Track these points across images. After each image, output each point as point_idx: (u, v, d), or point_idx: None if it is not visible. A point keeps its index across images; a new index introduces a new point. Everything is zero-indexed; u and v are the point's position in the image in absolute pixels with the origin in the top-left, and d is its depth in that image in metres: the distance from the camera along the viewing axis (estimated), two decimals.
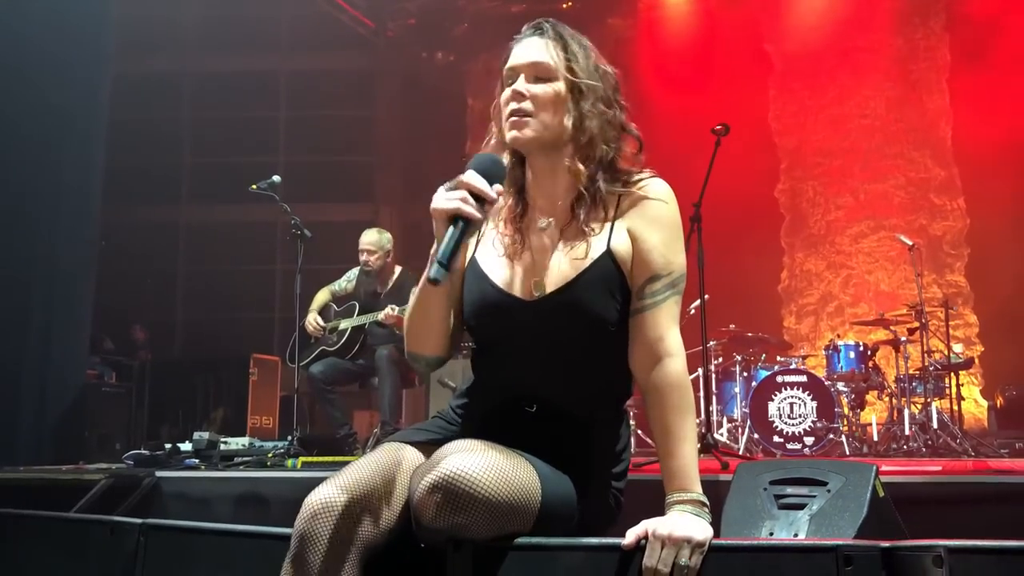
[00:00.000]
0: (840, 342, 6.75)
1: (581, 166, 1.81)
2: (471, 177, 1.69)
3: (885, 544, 1.45)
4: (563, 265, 1.79)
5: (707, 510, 1.64)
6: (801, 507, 2.22)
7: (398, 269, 5.95)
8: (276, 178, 5.55)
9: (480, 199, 1.67)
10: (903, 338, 6.62)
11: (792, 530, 2.17)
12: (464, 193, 1.67)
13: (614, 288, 1.77)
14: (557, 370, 1.79)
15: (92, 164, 6.52)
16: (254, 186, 5.55)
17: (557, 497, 1.69)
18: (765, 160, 9.25)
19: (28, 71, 5.99)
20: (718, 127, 4.72)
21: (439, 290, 1.78)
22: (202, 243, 11.14)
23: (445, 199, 1.68)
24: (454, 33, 10.41)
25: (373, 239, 5.83)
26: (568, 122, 1.80)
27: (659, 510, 1.64)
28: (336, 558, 1.56)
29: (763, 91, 9.50)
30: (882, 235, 8.87)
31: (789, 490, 2.27)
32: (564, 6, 10.02)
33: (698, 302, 4.85)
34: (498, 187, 1.71)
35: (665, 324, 1.76)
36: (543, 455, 1.72)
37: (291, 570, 1.58)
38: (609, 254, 1.78)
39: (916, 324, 6.52)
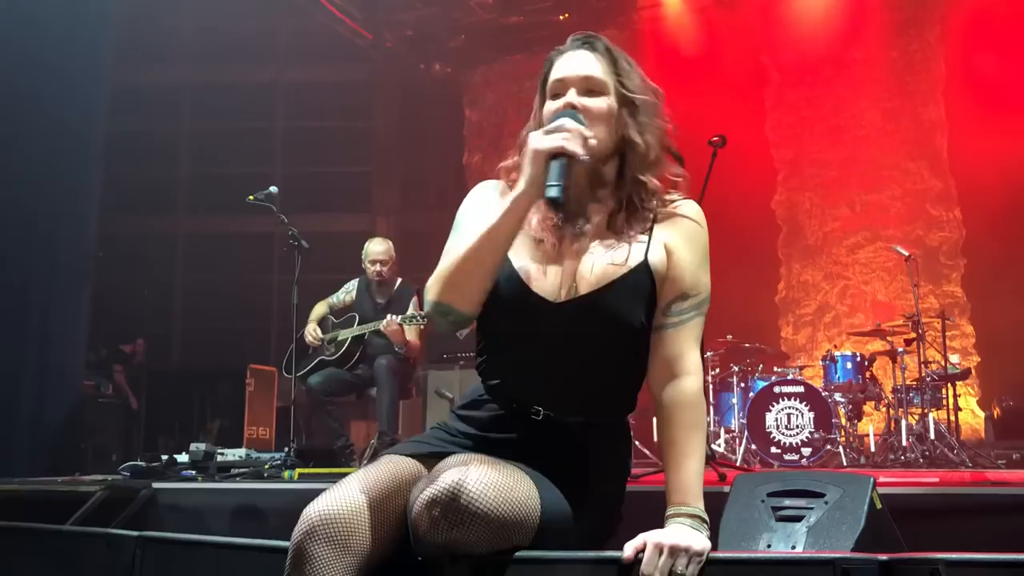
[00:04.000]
0: (837, 353, 6.75)
1: (630, 177, 1.83)
2: (570, 122, 1.72)
3: (883, 557, 1.45)
4: (600, 269, 1.79)
5: (707, 526, 1.65)
6: (799, 519, 2.21)
7: (398, 280, 5.96)
8: (273, 189, 5.56)
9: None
10: (900, 349, 6.63)
11: (790, 542, 2.17)
12: (566, 133, 1.69)
13: (645, 299, 1.79)
14: (570, 374, 1.79)
15: (90, 175, 6.52)
16: (251, 197, 5.55)
17: (556, 512, 1.69)
18: (762, 171, 9.27)
19: (27, 82, 5.99)
20: (715, 138, 4.73)
21: (503, 237, 1.75)
22: (199, 254, 11.14)
23: (546, 139, 1.70)
24: (451, 45, 10.43)
25: (382, 248, 5.84)
26: (631, 135, 1.83)
27: (658, 522, 1.64)
28: (334, 570, 1.56)
29: (759, 102, 9.53)
30: (879, 246, 8.88)
31: (787, 502, 2.26)
32: (561, 18, 10.04)
33: None
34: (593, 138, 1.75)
35: (686, 343, 1.78)
36: (544, 463, 1.72)
37: None
38: (646, 264, 1.79)
39: (913, 335, 6.52)
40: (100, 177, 6.61)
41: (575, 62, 1.85)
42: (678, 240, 1.82)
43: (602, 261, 1.79)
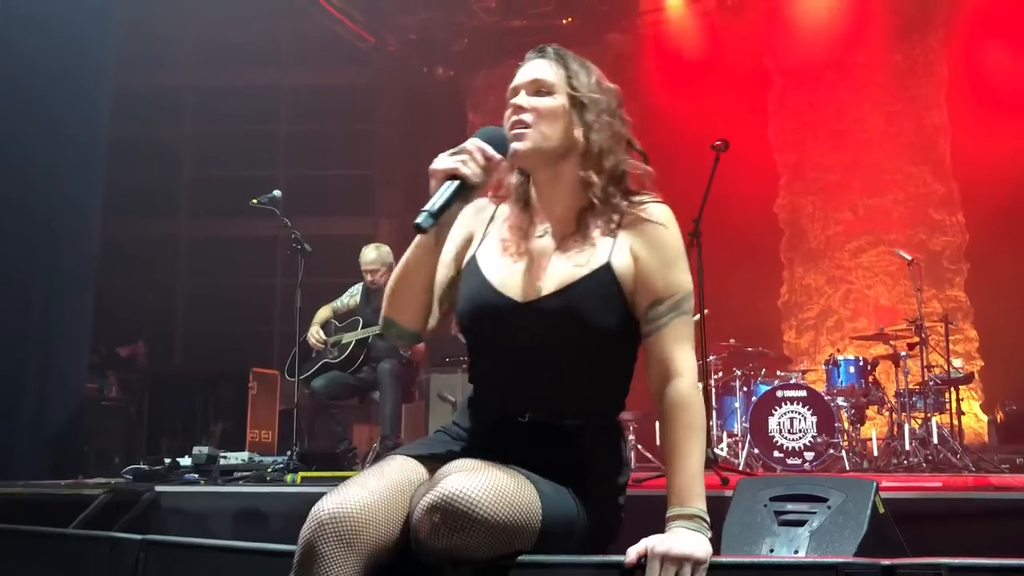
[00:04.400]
0: (840, 357, 6.75)
1: (594, 176, 1.84)
2: (473, 142, 1.76)
3: (886, 562, 1.45)
4: (562, 270, 1.81)
5: (707, 526, 1.65)
6: (801, 524, 2.21)
7: None
8: (277, 193, 5.57)
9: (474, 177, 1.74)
10: (903, 353, 6.62)
11: (792, 547, 2.17)
12: (464, 156, 1.73)
13: (611, 300, 1.79)
14: (547, 375, 1.80)
15: (93, 178, 6.53)
16: (255, 201, 5.56)
17: (558, 516, 1.68)
18: (764, 175, 9.28)
19: (28, 86, 6.00)
20: (718, 143, 4.74)
21: (423, 257, 1.82)
22: (202, 257, 11.15)
23: (445, 160, 1.75)
24: (454, 48, 10.45)
25: (373, 257, 5.83)
26: (577, 133, 1.84)
27: (660, 526, 1.64)
28: (341, 569, 1.56)
29: (762, 106, 9.54)
30: (881, 250, 8.88)
31: (789, 506, 2.26)
32: (564, 22, 10.05)
33: (697, 316, 4.84)
34: (499, 156, 1.78)
35: (671, 346, 1.77)
36: (538, 467, 1.72)
37: None
38: (609, 267, 1.79)
39: (916, 339, 6.52)
40: (103, 180, 6.61)
41: (526, 70, 1.89)
42: (643, 246, 1.81)
43: (565, 262, 1.82)
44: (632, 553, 1.57)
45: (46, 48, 6.10)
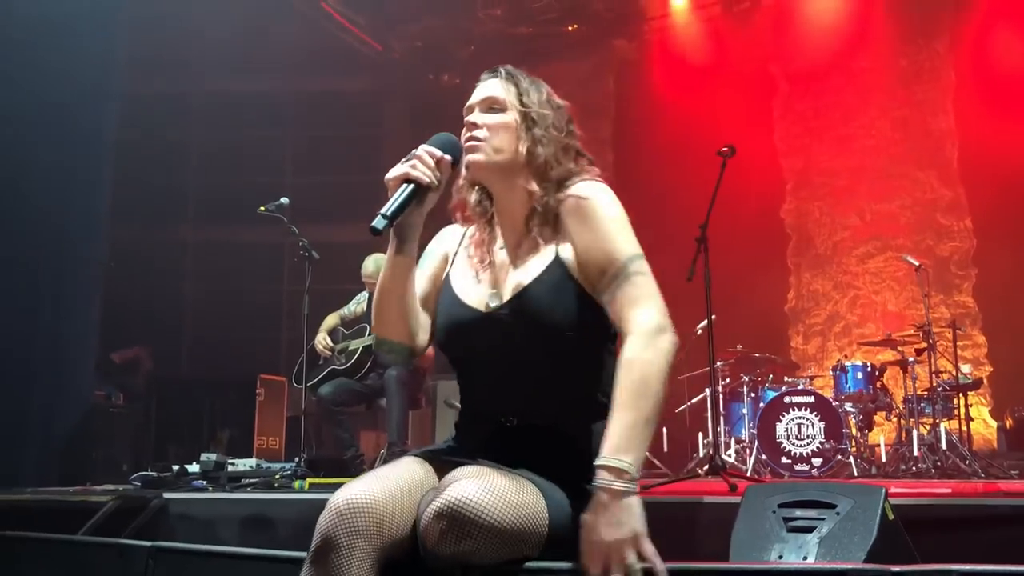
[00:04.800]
0: (847, 362, 6.73)
1: (535, 186, 1.90)
2: (422, 147, 1.84)
3: (895, 568, 1.44)
4: (517, 276, 1.87)
5: (628, 479, 1.61)
6: (810, 530, 2.21)
7: None
8: (284, 200, 5.59)
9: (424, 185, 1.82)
10: (911, 359, 6.60)
11: (801, 553, 2.16)
12: (414, 160, 1.81)
13: (566, 293, 1.81)
14: (524, 379, 1.83)
15: (100, 184, 6.56)
16: (263, 208, 5.58)
17: (565, 521, 1.68)
18: (771, 181, 9.28)
19: (37, 91, 6.03)
20: (724, 149, 4.73)
21: (396, 270, 1.89)
22: (209, 263, 11.17)
23: (397, 168, 1.82)
24: (460, 55, 10.47)
25: (372, 270, 5.85)
26: (523, 148, 1.90)
27: (669, 533, 1.64)
28: (357, 559, 1.57)
29: (768, 112, 9.54)
30: (889, 255, 8.86)
31: (798, 513, 2.26)
32: (570, 28, 10.08)
33: (705, 323, 4.84)
34: (448, 157, 1.86)
35: (623, 309, 1.76)
36: (540, 469, 1.73)
37: (312, 569, 1.60)
38: (558, 260, 1.84)
39: (924, 344, 6.50)
40: (111, 186, 6.64)
41: (480, 89, 1.99)
42: (574, 224, 1.85)
43: (520, 267, 1.88)
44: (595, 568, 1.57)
45: (55, 54, 6.13)
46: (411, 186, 1.79)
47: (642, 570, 1.55)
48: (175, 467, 5.13)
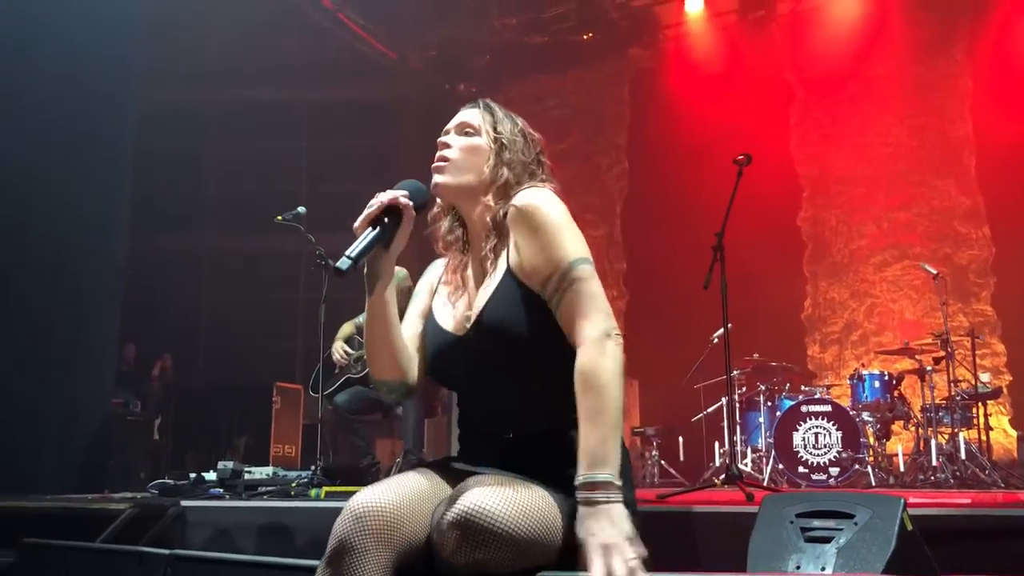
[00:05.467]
0: (865, 371, 6.70)
1: (492, 203, 1.92)
2: (384, 193, 1.87)
3: None
4: (480, 293, 1.90)
5: (617, 490, 1.63)
6: (828, 540, 2.19)
7: None
8: (301, 209, 5.61)
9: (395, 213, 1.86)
10: (929, 367, 6.56)
11: (819, 564, 2.15)
12: (373, 202, 1.85)
13: (521, 303, 1.82)
14: (507, 393, 1.85)
15: (120, 192, 6.61)
16: (280, 217, 5.61)
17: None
18: (787, 188, 9.25)
19: (55, 102, 6.09)
20: (740, 157, 4.71)
21: (376, 312, 1.91)
22: (226, 272, 11.24)
23: (360, 218, 1.85)
24: (475, 65, 10.51)
25: None
26: (489, 170, 1.93)
27: (685, 543, 1.64)
28: (371, 562, 1.59)
29: (784, 119, 9.52)
30: (906, 264, 8.82)
31: (816, 523, 2.25)
32: (585, 37, 10.10)
33: (721, 331, 4.83)
34: (411, 203, 1.88)
35: (571, 317, 1.77)
36: (541, 478, 1.74)
37: (327, 571, 1.61)
38: (508, 272, 1.85)
39: (942, 353, 6.46)
40: (129, 196, 6.70)
41: (456, 117, 2.04)
42: (518, 234, 1.85)
43: (482, 285, 1.91)
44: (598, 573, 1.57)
45: (73, 65, 6.19)
46: (375, 231, 1.83)
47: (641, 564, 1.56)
48: (192, 475, 5.15)
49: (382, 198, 1.86)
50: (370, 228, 1.83)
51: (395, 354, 1.95)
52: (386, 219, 1.85)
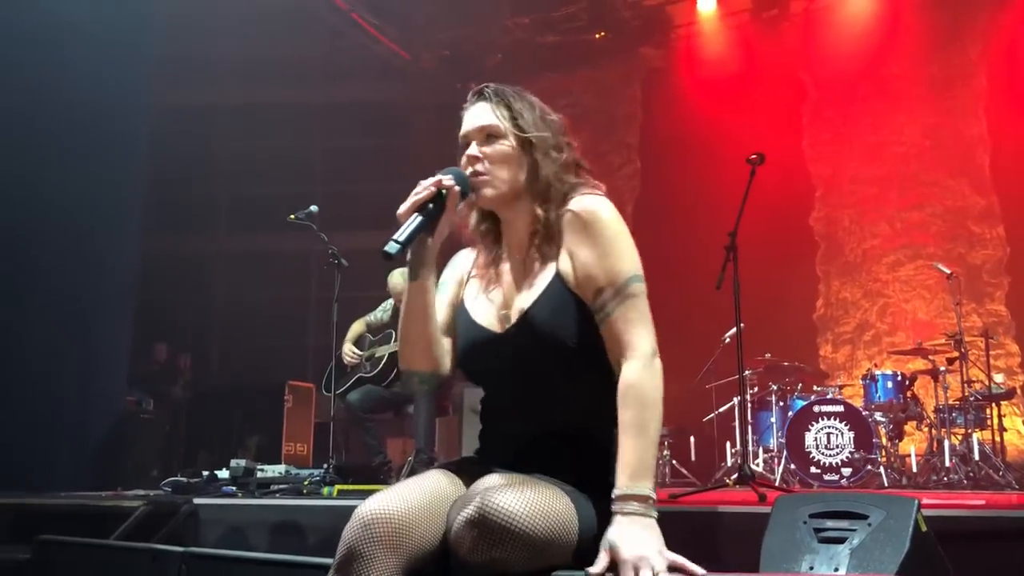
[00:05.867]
0: (877, 371, 6.67)
1: (539, 210, 1.91)
2: (428, 179, 1.86)
3: None
4: (524, 295, 1.89)
5: (651, 505, 1.67)
6: (841, 541, 2.19)
7: None
8: (314, 208, 5.63)
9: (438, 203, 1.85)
10: (942, 368, 6.53)
11: (832, 565, 2.14)
12: (419, 189, 1.84)
13: (568, 308, 1.83)
14: (540, 393, 1.85)
15: (131, 195, 6.65)
16: (293, 216, 5.63)
17: (595, 530, 1.69)
18: (800, 188, 9.22)
19: (70, 105, 6.13)
20: (753, 156, 4.70)
21: (416, 301, 1.92)
22: (238, 271, 11.28)
23: (406, 202, 1.84)
24: (487, 64, 10.50)
25: (402, 286, 5.86)
26: (523, 175, 1.92)
27: (697, 543, 1.64)
28: (380, 570, 1.59)
29: (797, 118, 9.48)
30: (919, 263, 8.77)
31: (829, 523, 2.24)
32: (597, 36, 10.09)
33: (733, 330, 4.82)
34: (458, 188, 1.87)
35: (622, 331, 1.79)
36: (561, 477, 1.75)
37: None
38: (558, 277, 1.85)
39: (955, 353, 6.42)
40: (143, 196, 6.73)
41: (472, 115, 1.98)
42: (574, 240, 1.86)
43: (525, 285, 1.90)
44: (599, 566, 1.61)
45: (87, 68, 6.23)
46: (421, 218, 1.82)
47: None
48: (205, 473, 5.17)
49: (429, 184, 1.86)
50: (416, 214, 1.83)
51: (430, 344, 1.96)
52: (431, 205, 1.85)
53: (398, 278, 5.90)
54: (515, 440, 1.87)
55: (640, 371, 1.76)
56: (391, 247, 1.77)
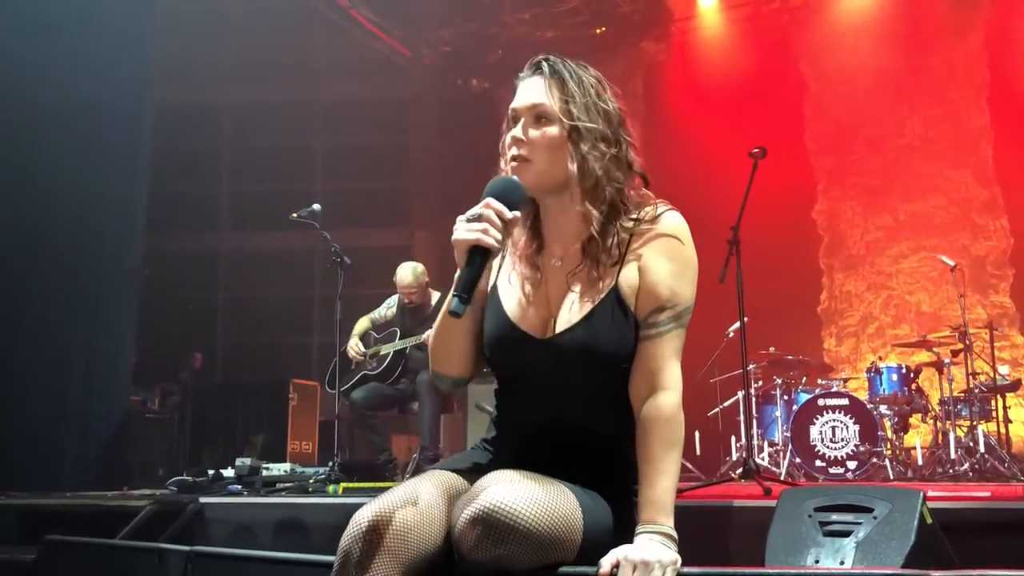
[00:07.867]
0: (882, 364, 6.65)
1: (592, 209, 1.81)
2: (489, 205, 1.72)
3: (935, 573, 1.43)
4: (575, 304, 1.81)
5: (675, 543, 1.65)
6: (847, 534, 2.19)
7: (436, 294, 6.00)
8: (316, 206, 5.63)
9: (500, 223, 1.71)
10: (947, 360, 6.51)
11: (838, 558, 2.14)
12: (484, 224, 1.70)
13: (624, 325, 1.78)
14: (573, 403, 1.81)
15: (135, 193, 6.66)
16: (295, 214, 5.63)
17: (599, 526, 1.69)
18: (802, 181, 9.20)
19: (72, 103, 6.13)
20: (755, 150, 4.70)
21: (459, 320, 1.79)
22: (242, 270, 11.29)
23: (465, 230, 1.71)
24: (488, 60, 10.49)
25: (409, 280, 5.86)
26: (572, 166, 1.80)
27: (703, 538, 1.64)
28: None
29: (799, 111, 9.46)
30: (923, 255, 8.75)
31: (834, 517, 2.24)
32: (597, 31, 10.07)
33: (737, 324, 4.81)
34: (516, 213, 1.74)
35: (665, 356, 1.76)
36: (572, 476, 1.73)
37: None
38: (617, 291, 1.79)
39: (960, 346, 6.41)
40: (146, 194, 6.74)
41: (525, 90, 1.86)
42: (652, 254, 1.80)
43: (577, 294, 1.81)
44: (606, 563, 1.58)
45: (89, 67, 6.23)
46: (479, 257, 1.70)
47: None
48: (210, 472, 5.18)
49: (491, 218, 1.70)
50: (474, 255, 1.69)
51: (468, 353, 1.92)
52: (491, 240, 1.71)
53: (409, 275, 5.90)
54: (529, 441, 1.84)
55: (676, 409, 1.74)
56: (458, 307, 1.66)
